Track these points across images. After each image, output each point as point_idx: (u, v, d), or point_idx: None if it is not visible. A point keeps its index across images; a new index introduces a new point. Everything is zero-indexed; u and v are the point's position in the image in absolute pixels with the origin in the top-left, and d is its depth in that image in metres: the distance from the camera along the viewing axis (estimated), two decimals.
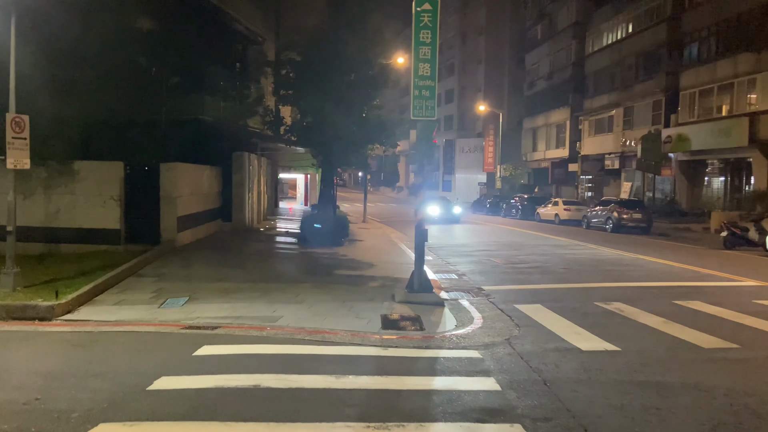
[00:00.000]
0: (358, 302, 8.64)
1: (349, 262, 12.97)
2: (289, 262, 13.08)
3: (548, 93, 43.90)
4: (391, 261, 13.39)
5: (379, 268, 12.13)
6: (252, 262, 12.46)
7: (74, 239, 13.22)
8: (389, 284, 10.25)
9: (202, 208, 15.79)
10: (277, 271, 11.64)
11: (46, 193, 13.36)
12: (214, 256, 12.92)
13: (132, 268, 10.83)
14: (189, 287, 9.61)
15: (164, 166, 13.41)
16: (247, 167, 18.98)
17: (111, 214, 13.30)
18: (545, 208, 31.88)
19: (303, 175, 39.22)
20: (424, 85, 8.74)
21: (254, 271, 11.21)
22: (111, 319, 7.83)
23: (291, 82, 16.85)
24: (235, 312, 8.02)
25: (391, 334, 6.89)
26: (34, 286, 9.29)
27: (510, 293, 9.91)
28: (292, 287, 9.71)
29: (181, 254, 12.78)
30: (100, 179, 13.31)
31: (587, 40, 39.35)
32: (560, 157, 41.00)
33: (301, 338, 6.67)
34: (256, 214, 21.33)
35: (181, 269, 11.13)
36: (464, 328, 7.23)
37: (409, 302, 8.59)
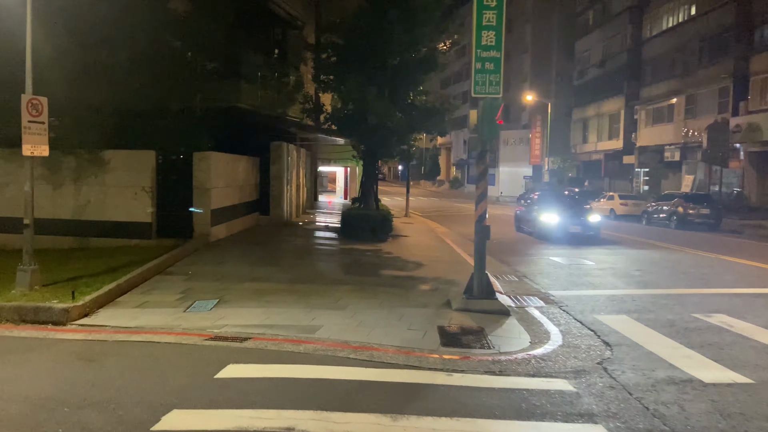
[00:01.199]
0: (409, 309, 7.45)
1: (395, 260, 11.79)
2: (329, 259, 12.00)
3: (600, 81, 41.56)
4: (441, 260, 12.15)
5: (429, 267, 10.91)
6: (289, 260, 11.44)
7: (104, 233, 12.50)
8: (442, 287, 9.03)
9: (238, 201, 14.88)
10: (316, 270, 10.57)
11: (75, 185, 12.67)
12: (249, 252, 11.96)
13: (160, 265, 9.94)
14: (219, 288, 8.63)
15: (197, 155, 12.52)
16: (286, 158, 18.02)
17: (142, 206, 12.50)
18: (599, 202, 29.96)
19: (343, 168, 38.27)
20: (487, 57, 7.45)
21: (291, 270, 10.17)
22: (130, 325, 6.88)
23: (332, 67, 15.76)
24: (268, 319, 6.95)
25: (453, 353, 5.67)
26: (54, 284, 8.48)
27: (585, 300, 8.53)
28: (333, 290, 8.61)
29: (214, 250, 11.87)
30: (131, 169, 12.52)
31: (644, 25, 36.91)
32: (614, 148, 38.72)
33: (345, 356, 5.52)
34: (295, 208, 20.41)
35: (212, 267, 10.18)
36: (542, 347, 5.94)
37: (468, 310, 7.35)
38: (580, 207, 18.20)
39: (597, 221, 16.98)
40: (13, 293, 7.94)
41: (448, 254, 13.11)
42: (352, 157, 27.91)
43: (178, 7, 14.59)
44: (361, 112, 14.81)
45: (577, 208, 17.83)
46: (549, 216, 16.67)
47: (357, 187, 31.85)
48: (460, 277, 9.86)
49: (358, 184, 29.43)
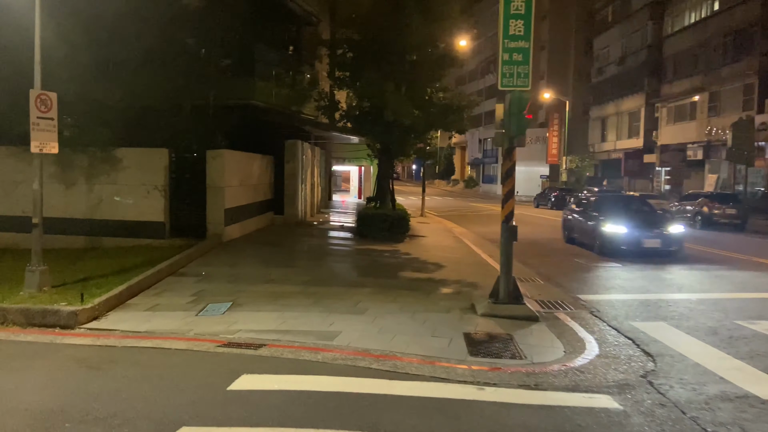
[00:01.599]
0: (432, 314, 7.06)
1: (413, 261, 11.40)
2: (346, 261, 11.64)
3: (620, 79, 40.79)
4: (461, 261, 11.73)
5: (449, 269, 10.50)
6: (304, 261, 11.10)
7: (117, 232, 12.27)
8: (465, 290, 8.62)
9: (252, 200, 14.59)
10: (333, 271, 10.21)
11: (88, 183, 12.45)
12: (264, 252, 11.64)
13: (172, 266, 9.65)
14: (233, 290, 8.31)
15: (210, 153, 12.23)
16: (301, 156, 17.71)
17: (155, 205, 12.25)
18: None
19: (357, 167, 37.97)
20: (515, 47, 7.03)
21: (307, 272, 9.82)
22: (140, 329, 6.57)
23: (348, 63, 15.41)
24: (284, 324, 6.60)
25: (482, 363, 5.26)
26: (64, 285, 8.22)
27: (617, 305, 8.08)
28: (351, 292, 8.24)
29: (228, 250, 11.57)
30: (143, 168, 12.28)
31: (666, 21, 36.11)
32: (634, 147, 37.95)
33: (366, 366, 5.15)
34: (310, 207, 20.09)
35: (226, 268, 9.87)
36: (578, 357, 5.52)
37: (495, 316, 6.94)
38: (655, 214, 14.77)
39: (679, 233, 13.23)
40: (21, 295, 7.69)
41: (468, 255, 12.69)
42: (367, 156, 27.53)
43: (192, 3, 14.34)
44: (378, 109, 14.44)
45: (652, 215, 14.46)
46: (615, 226, 13.07)
47: (371, 187, 31.52)
48: (482, 279, 9.45)
49: (373, 184, 29.06)
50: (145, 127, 13.40)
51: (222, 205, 12.20)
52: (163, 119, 13.45)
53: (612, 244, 12.97)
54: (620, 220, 13.21)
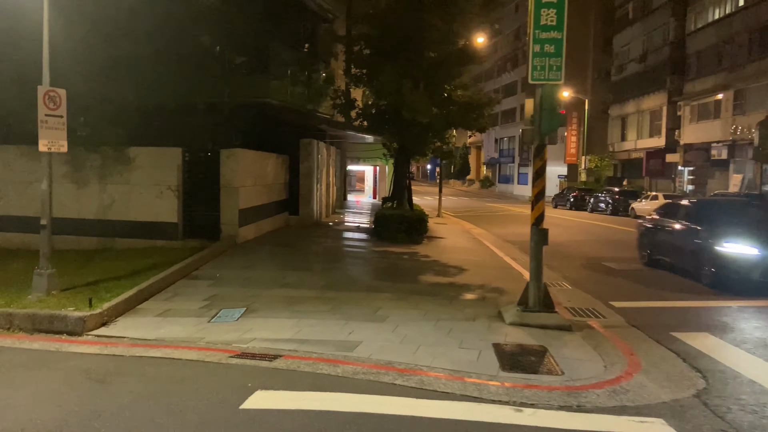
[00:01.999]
0: (457, 322, 6.64)
1: (433, 264, 10.97)
2: (363, 263, 11.25)
3: (640, 77, 39.93)
4: (483, 264, 11.28)
5: (472, 273, 10.05)
6: (321, 264, 10.73)
7: (129, 233, 12.01)
8: (490, 296, 8.18)
9: (267, 200, 14.27)
10: (350, 275, 9.82)
11: (100, 183, 12.21)
12: (279, 254, 11.29)
13: (185, 268, 9.33)
14: (247, 294, 7.96)
15: (224, 152, 11.92)
16: (316, 156, 17.36)
17: (168, 205, 11.97)
18: (641, 202, 28.60)
19: (371, 167, 37.62)
20: (547, 38, 6.59)
21: (323, 275, 9.45)
22: (150, 337, 6.24)
23: (364, 60, 15.03)
24: (300, 332, 6.23)
25: (516, 380, 4.83)
26: (73, 289, 7.93)
27: (652, 313, 7.59)
28: (370, 298, 7.84)
29: (242, 252, 11.24)
30: (156, 167, 12.00)
31: (688, 17, 35.21)
32: (655, 146, 37.08)
33: (390, 381, 4.75)
34: (325, 208, 19.75)
35: (240, 271, 9.53)
36: (620, 373, 5.05)
37: (525, 325, 6.50)
38: None
39: None
40: (29, 299, 7.41)
41: (490, 258, 12.23)
42: (383, 156, 27.15)
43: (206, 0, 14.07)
44: (395, 107, 14.04)
45: None
46: (739, 244, 9.07)
47: (387, 187, 31.13)
48: (507, 284, 9.01)
49: (388, 183, 28.67)
50: (158, 126, 13.14)
51: (236, 205, 11.88)
52: (177, 118, 13.18)
53: (734, 271, 9.04)
54: (746, 236, 9.15)
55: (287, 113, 16.19)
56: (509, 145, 57.42)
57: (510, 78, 57.90)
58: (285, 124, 16.45)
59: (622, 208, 30.15)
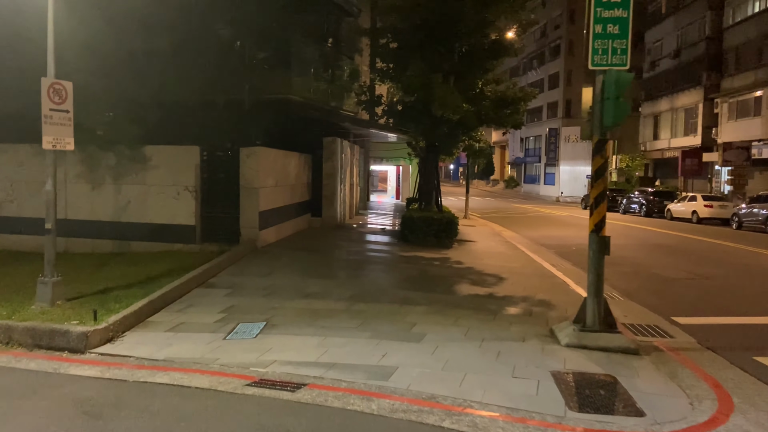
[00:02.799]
0: (506, 343, 5.81)
1: (468, 272, 10.13)
2: (392, 270, 10.45)
3: (674, 73, 38.42)
4: (522, 272, 10.40)
5: (511, 282, 9.19)
6: (346, 270, 9.97)
7: (145, 236, 11.42)
8: (537, 311, 7.32)
9: (289, 201, 13.58)
10: (379, 284, 9.03)
11: (115, 184, 11.65)
12: (301, 260, 10.57)
13: (201, 275, 8.66)
14: (267, 306, 7.24)
15: (244, 150, 11.24)
16: (340, 155, 16.65)
17: (185, 207, 11.35)
18: (678, 203, 27.33)
19: (394, 167, 36.84)
20: (611, 17, 5.74)
21: (349, 284, 8.69)
22: (158, 356, 5.54)
23: (391, 54, 14.23)
24: (326, 353, 5.47)
25: (590, 423, 3.98)
26: (81, 298, 7.32)
27: (726, 331, 6.66)
28: (402, 311, 7.06)
29: (263, 257, 10.54)
30: (173, 167, 11.39)
31: (726, 11, 33.68)
32: (690, 145, 35.59)
33: (436, 423, 3.94)
34: (348, 209, 19.03)
35: (260, 278, 8.83)
36: (712, 413, 4.17)
37: (584, 347, 5.64)
38: None
39: None
40: (32, 309, 6.81)
41: (528, 264, 11.33)
42: (407, 155, 26.35)
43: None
44: (424, 103, 13.23)
45: None
46: None
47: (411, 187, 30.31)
48: (553, 296, 8.14)
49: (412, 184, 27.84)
50: (175, 123, 12.55)
51: (256, 207, 11.20)
52: (195, 115, 12.57)
53: None
54: None
55: (310, 110, 15.50)
56: (535, 144, 56.10)
57: (536, 76, 56.58)
58: (307, 122, 15.77)
59: (657, 210, 28.90)
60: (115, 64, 10.88)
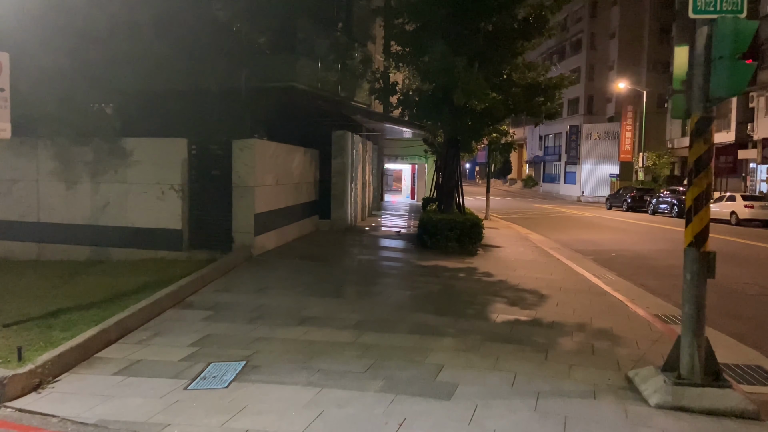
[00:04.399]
0: (572, 403, 4.18)
1: (501, 287, 8.50)
2: (409, 285, 8.80)
3: None
4: (565, 286, 8.72)
5: (556, 301, 7.55)
6: (354, 285, 8.37)
7: (126, 242, 9.97)
8: (599, 345, 5.67)
9: (292, 202, 12.05)
10: (393, 304, 7.41)
11: (93, 182, 10.19)
12: (302, 272, 9.01)
13: (179, 292, 7.14)
14: (252, 336, 5.70)
15: (237, 143, 9.71)
16: (350, 151, 15.09)
17: (170, 209, 9.86)
18: (714, 204, 25.37)
19: (409, 165, 35.29)
20: None
21: (357, 304, 7.12)
22: (88, 417, 4.02)
23: (407, 36, 12.63)
24: (320, 417, 3.90)
25: None
26: (26, 322, 5.86)
27: None
28: (424, 346, 5.46)
29: (257, 268, 9.00)
30: (157, 162, 9.91)
31: None
32: (724, 142, 33.49)
33: None
34: (360, 210, 17.47)
35: (249, 296, 7.29)
36: None
37: (682, 408, 4.01)
38: None
39: None
40: None
41: (569, 276, 9.66)
42: (423, 153, 24.75)
43: None
44: (445, 91, 11.64)
45: None
46: None
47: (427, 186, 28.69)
48: (613, 321, 6.49)
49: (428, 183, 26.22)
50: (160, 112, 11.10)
51: (251, 209, 9.67)
52: (184, 104, 11.11)
53: None
54: None
55: (317, 100, 13.95)
56: (555, 142, 54.10)
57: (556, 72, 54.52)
58: (315, 114, 14.26)
59: None
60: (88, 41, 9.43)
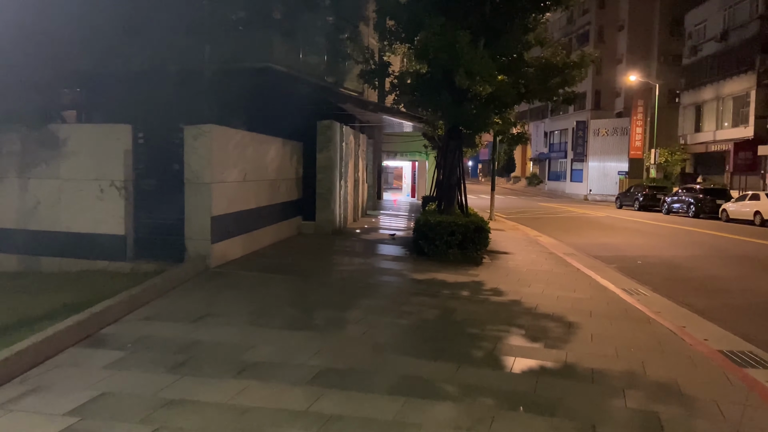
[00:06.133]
0: None
1: (514, 311, 6.73)
2: (398, 309, 6.93)
3: (720, 58, 34.55)
4: (596, 309, 6.92)
5: (589, 333, 5.78)
6: (326, 310, 6.52)
7: (59, 250, 8.26)
8: (665, 413, 3.90)
9: (266, 202, 10.31)
10: (372, 341, 5.56)
11: (20, 177, 8.47)
12: (266, 289, 7.25)
13: (91, 321, 5.40)
14: (160, 399, 3.95)
15: (190, 130, 7.95)
16: (339, 143, 13.35)
17: (111, 210, 8.14)
18: (736, 203, 23.63)
19: (410, 162, 33.62)
20: None
21: (324, 342, 5.34)
22: None
23: (403, 9, 10.87)
24: None
25: None
26: None
27: None
28: (410, 421, 3.72)
29: (210, 285, 7.25)
30: (95, 154, 8.18)
31: None
32: (741, 137, 31.70)
33: None
34: (352, 210, 15.73)
35: (184, 327, 5.54)
36: None
37: None
38: None
39: None
40: None
41: (597, 294, 7.86)
42: (424, 148, 23.01)
43: None
44: (446, 71, 9.88)
45: None
46: None
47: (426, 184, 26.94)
48: (671, 367, 4.74)
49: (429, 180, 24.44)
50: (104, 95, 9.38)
51: (207, 210, 7.92)
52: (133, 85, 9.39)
53: None
54: None
55: (299, 85, 12.22)
56: (560, 138, 52.28)
57: None
58: (298, 102, 12.52)
59: (708, 210, 25.21)
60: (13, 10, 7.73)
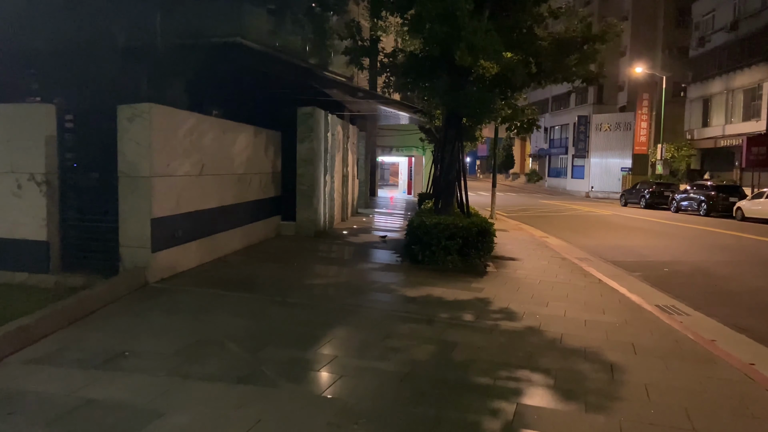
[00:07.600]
0: None
1: (532, 346, 5.21)
2: (380, 346, 5.36)
3: (730, 49, 33.05)
4: (637, 341, 5.39)
5: (641, 383, 4.26)
6: (282, 350, 4.90)
7: None
8: None
9: (232, 200, 8.75)
10: (337, 404, 4.09)
11: None
12: (215, 315, 5.68)
13: None
14: None
15: (124, 110, 6.37)
16: (323, 133, 11.82)
17: (31, 210, 6.59)
18: (752, 201, 22.19)
19: (406, 158, 32.13)
20: None
21: (269, 404, 3.80)
22: None
23: None
24: None
25: None
26: None
27: None
28: None
29: (142, 307, 5.68)
30: (10, 140, 6.62)
31: None
32: (753, 131, 30.20)
33: None
34: (339, 209, 14.19)
35: (81, 376, 3.98)
36: None
37: None
38: None
39: None
40: None
41: (632, 316, 6.33)
42: (420, 141, 21.48)
43: None
44: (445, 48, 8.31)
45: None
46: None
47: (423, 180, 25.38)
48: None
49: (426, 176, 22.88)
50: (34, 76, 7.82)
51: (146, 210, 6.35)
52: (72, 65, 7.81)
53: None
54: None
55: (277, 66, 10.65)
56: (561, 134, 50.77)
57: None
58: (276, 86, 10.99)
59: (721, 208, 23.78)
60: None
